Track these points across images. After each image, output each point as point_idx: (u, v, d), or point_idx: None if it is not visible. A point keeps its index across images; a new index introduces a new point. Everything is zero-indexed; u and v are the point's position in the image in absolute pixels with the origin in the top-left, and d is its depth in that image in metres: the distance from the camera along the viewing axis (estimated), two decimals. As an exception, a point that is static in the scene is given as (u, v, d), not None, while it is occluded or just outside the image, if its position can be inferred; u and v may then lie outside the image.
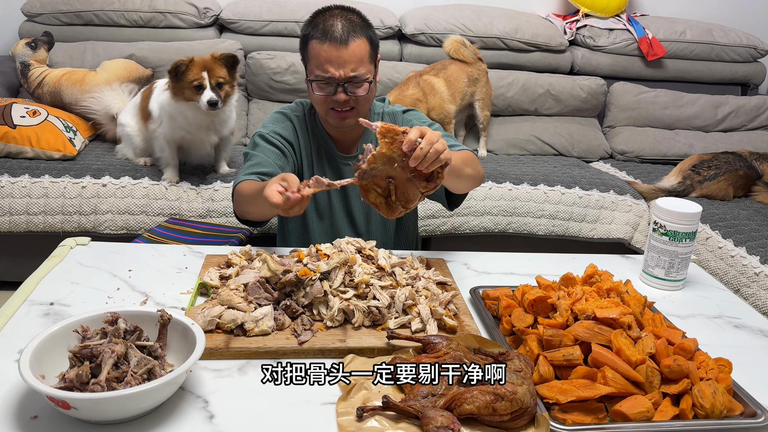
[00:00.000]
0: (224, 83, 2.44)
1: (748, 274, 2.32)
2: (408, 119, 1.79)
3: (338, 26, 1.57)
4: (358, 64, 1.59)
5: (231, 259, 1.42)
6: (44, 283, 1.35)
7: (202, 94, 2.39)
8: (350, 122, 1.66)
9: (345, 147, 1.78)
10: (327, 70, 1.58)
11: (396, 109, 1.83)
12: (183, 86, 2.40)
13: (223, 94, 2.43)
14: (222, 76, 2.42)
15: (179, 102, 2.44)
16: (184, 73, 2.38)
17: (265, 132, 1.72)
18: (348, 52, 1.57)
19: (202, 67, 2.39)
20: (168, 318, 1.07)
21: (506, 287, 1.37)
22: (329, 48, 1.56)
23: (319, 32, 1.58)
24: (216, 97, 2.39)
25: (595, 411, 1.01)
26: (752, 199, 3.01)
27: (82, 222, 2.61)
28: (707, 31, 3.79)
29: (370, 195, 1.33)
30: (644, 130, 3.67)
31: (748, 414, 1.04)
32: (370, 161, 1.27)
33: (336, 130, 1.74)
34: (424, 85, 3.02)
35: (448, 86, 3.08)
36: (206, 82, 2.39)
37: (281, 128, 1.74)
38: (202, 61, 2.40)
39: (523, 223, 2.90)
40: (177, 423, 0.96)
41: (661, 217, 1.50)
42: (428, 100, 3.01)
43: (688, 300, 1.50)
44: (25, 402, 0.98)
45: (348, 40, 1.56)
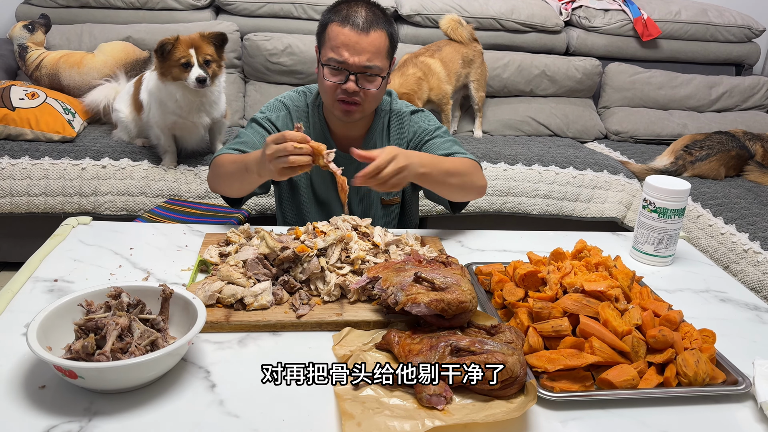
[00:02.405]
0: (212, 61, 2.43)
1: (737, 251, 2.36)
2: (416, 121, 1.76)
3: (362, 14, 1.56)
4: (375, 55, 1.56)
5: (230, 237, 1.45)
6: (48, 260, 1.38)
7: (189, 72, 2.38)
8: (355, 117, 1.64)
9: (345, 145, 1.71)
10: (342, 54, 1.55)
11: (404, 108, 1.78)
12: (170, 65, 2.39)
13: (210, 72, 2.43)
14: (209, 53, 2.41)
15: (167, 83, 2.44)
16: (171, 52, 2.37)
17: (259, 117, 1.72)
18: (367, 40, 1.55)
19: (189, 44, 2.38)
20: (170, 292, 1.10)
21: (499, 263, 1.41)
22: (349, 32, 1.54)
23: (341, 17, 1.56)
24: (204, 74, 2.38)
25: (582, 379, 1.05)
26: (744, 178, 3.05)
27: (82, 203, 2.64)
28: (702, 12, 3.80)
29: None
30: (638, 111, 3.69)
31: (730, 382, 1.08)
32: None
33: (339, 125, 1.72)
34: (422, 66, 3.04)
35: (444, 67, 3.10)
36: (194, 59, 2.38)
37: (275, 117, 1.72)
38: (189, 38, 2.39)
39: (517, 203, 2.93)
40: (180, 392, 0.99)
41: (651, 195, 1.53)
42: (429, 80, 3.03)
43: (676, 275, 1.53)
44: (33, 373, 1.01)
45: (369, 29, 1.55)
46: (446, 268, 1.22)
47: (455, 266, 1.25)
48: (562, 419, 0.99)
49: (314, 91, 1.77)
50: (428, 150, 1.69)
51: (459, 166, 1.59)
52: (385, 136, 1.76)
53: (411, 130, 1.75)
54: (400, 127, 1.76)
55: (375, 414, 0.93)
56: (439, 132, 1.74)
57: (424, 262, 1.26)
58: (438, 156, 1.60)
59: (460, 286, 1.13)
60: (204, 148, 2.82)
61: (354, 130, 1.73)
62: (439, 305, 1.09)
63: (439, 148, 1.68)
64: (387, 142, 1.76)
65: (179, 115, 2.54)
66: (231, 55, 3.40)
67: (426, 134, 1.73)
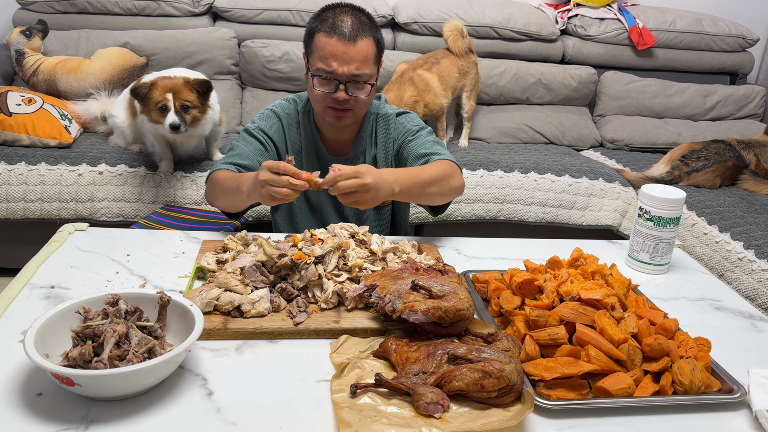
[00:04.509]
0: (191, 107, 2.37)
1: (731, 260, 2.37)
2: (400, 122, 1.78)
3: (347, 23, 1.57)
4: (362, 63, 1.58)
5: (227, 244, 1.45)
6: (44, 267, 1.38)
7: (165, 117, 2.34)
8: (346, 122, 1.66)
9: (336, 149, 1.78)
10: (331, 64, 1.57)
11: (390, 111, 1.80)
12: (149, 108, 2.37)
13: (189, 117, 2.37)
14: (189, 100, 2.35)
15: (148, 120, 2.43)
16: (147, 96, 2.34)
17: (251, 127, 1.74)
18: (355, 49, 1.56)
19: (166, 89, 2.33)
20: (167, 299, 1.10)
21: (495, 271, 1.41)
22: (336, 43, 1.56)
23: (327, 26, 1.57)
24: (179, 121, 2.32)
25: (578, 387, 1.05)
26: (738, 186, 3.06)
27: (78, 209, 2.64)
28: (697, 21, 3.82)
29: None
30: (634, 119, 3.71)
31: (725, 390, 1.09)
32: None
33: (330, 130, 1.74)
34: (419, 82, 3.03)
35: (440, 82, 3.09)
36: (171, 104, 2.33)
37: (267, 126, 1.74)
38: (169, 83, 2.35)
39: (513, 210, 2.94)
40: (177, 399, 0.99)
41: (647, 203, 1.54)
42: (424, 98, 3.03)
43: (671, 283, 1.54)
44: (30, 380, 1.01)
45: (356, 38, 1.56)
46: (443, 276, 1.23)
47: (452, 274, 1.26)
48: (559, 427, 1.00)
49: (304, 98, 1.79)
50: (408, 149, 1.71)
51: (435, 172, 1.59)
52: (372, 139, 1.78)
53: (396, 132, 1.78)
54: (387, 130, 1.78)
55: (372, 422, 0.94)
56: (422, 132, 1.75)
57: (421, 270, 1.26)
58: (415, 169, 1.59)
59: (458, 294, 1.14)
60: (200, 154, 2.82)
61: (344, 135, 1.76)
62: (436, 313, 1.10)
63: (419, 147, 1.70)
64: (375, 146, 1.79)
65: (171, 137, 2.54)
66: (228, 62, 3.40)
67: (408, 134, 1.75)
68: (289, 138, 1.76)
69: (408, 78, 3.05)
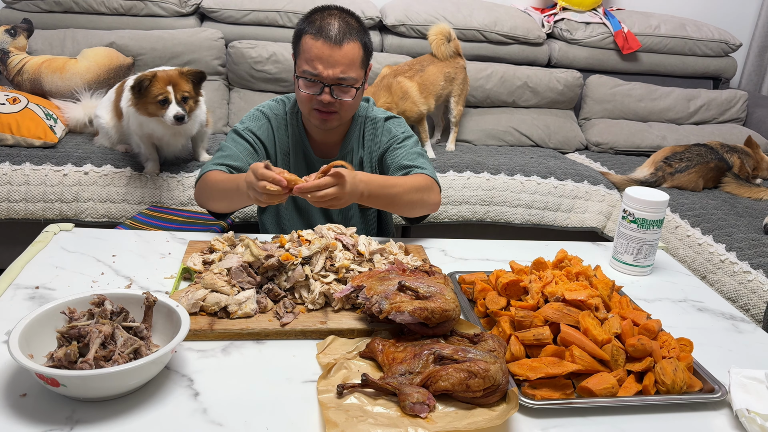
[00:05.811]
0: (189, 98, 2.40)
1: (714, 261, 2.40)
2: (388, 128, 1.78)
3: (335, 26, 1.57)
4: (348, 67, 1.58)
5: (214, 245, 1.45)
6: (29, 267, 1.37)
7: (167, 109, 2.34)
8: (332, 125, 1.67)
9: (323, 151, 1.78)
10: (316, 67, 1.57)
11: (378, 114, 1.80)
12: (147, 101, 2.35)
13: (187, 108, 2.39)
14: (187, 90, 2.37)
15: (142, 116, 2.42)
16: (148, 88, 2.33)
17: (240, 128, 1.74)
18: (341, 53, 1.56)
19: (166, 81, 2.34)
20: (153, 300, 1.10)
21: (481, 272, 1.42)
22: (322, 46, 1.56)
23: (314, 29, 1.57)
24: (182, 112, 2.34)
25: (562, 387, 1.06)
26: (721, 189, 3.10)
27: (63, 209, 2.62)
28: (681, 26, 3.87)
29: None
30: (619, 122, 3.75)
31: (707, 390, 1.10)
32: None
33: (317, 132, 1.74)
34: (396, 89, 3.00)
35: (421, 90, 3.07)
36: (171, 96, 2.34)
37: (256, 126, 1.74)
38: (167, 75, 2.35)
39: (500, 212, 2.96)
40: (163, 400, 0.99)
41: (630, 205, 1.56)
42: (399, 105, 3.00)
43: (655, 285, 1.56)
44: (14, 381, 1.01)
45: (342, 41, 1.56)
46: (430, 277, 1.24)
47: (439, 275, 1.27)
48: (543, 427, 1.01)
49: (292, 99, 1.80)
50: (392, 157, 1.73)
51: (411, 186, 1.60)
52: (360, 141, 1.79)
53: (383, 137, 1.78)
54: (374, 133, 1.79)
55: (359, 422, 0.94)
56: (408, 142, 1.76)
57: (407, 271, 1.27)
58: (392, 179, 1.60)
59: (444, 295, 1.15)
60: (187, 155, 2.81)
61: (331, 137, 1.76)
62: (422, 314, 1.11)
63: (403, 158, 1.71)
64: (362, 148, 1.79)
65: (157, 137, 2.55)
66: (215, 63, 3.39)
67: (394, 141, 1.76)
68: (278, 139, 1.76)
69: (386, 84, 3.02)
